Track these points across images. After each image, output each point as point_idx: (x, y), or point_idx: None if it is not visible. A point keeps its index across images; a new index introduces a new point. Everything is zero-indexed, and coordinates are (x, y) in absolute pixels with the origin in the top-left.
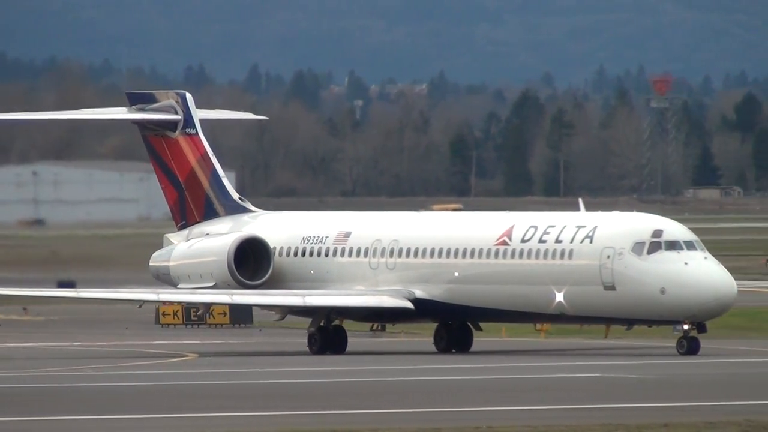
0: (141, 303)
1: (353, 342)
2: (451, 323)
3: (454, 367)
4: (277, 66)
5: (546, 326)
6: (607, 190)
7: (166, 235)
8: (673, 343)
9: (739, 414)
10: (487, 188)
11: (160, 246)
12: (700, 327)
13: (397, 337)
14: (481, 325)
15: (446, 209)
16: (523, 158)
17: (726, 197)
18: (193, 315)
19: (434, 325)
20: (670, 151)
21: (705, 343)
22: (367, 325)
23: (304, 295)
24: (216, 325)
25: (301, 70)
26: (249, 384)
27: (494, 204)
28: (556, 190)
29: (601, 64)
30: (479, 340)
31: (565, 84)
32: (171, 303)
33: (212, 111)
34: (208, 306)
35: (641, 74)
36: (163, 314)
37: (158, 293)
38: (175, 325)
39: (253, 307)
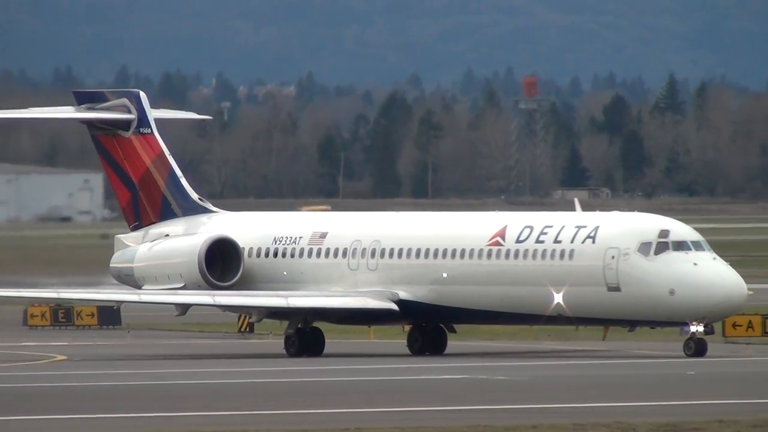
0: (119, 304)
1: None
2: (426, 326)
3: (323, 368)
4: (146, 67)
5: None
6: (475, 192)
7: (118, 236)
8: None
9: (607, 415)
10: (356, 190)
11: (28, 249)
12: (707, 329)
13: (266, 338)
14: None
15: (315, 210)
16: (391, 160)
17: (594, 198)
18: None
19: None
20: (539, 152)
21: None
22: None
23: (287, 296)
24: (84, 326)
25: (168, 72)
26: (116, 385)
27: (362, 206)
28: (424, 192)
29: (470, 66)
30: (352, 342)
31: (434, 85)
32: (154, 304)
33: (157, 110)
34: (187, 308)
35: (509, 76)
36: (31, 315)
37: (140, 294)
38: (43, 326)
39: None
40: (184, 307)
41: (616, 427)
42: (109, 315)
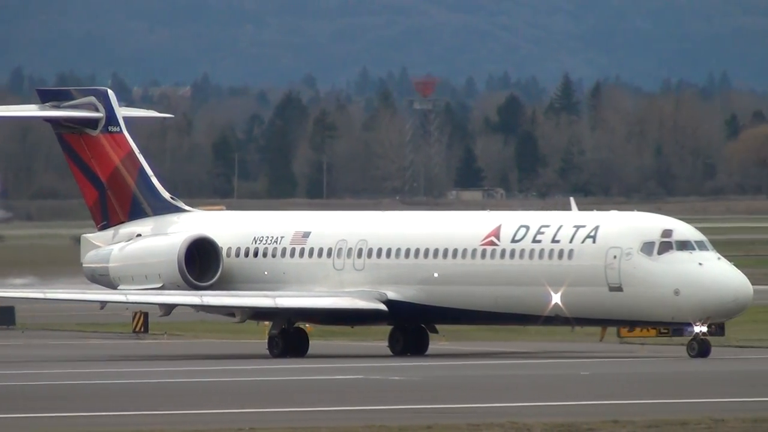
0: (104, 304)
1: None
2: (407, 326)
3: (217, 369)
4: (40, 69)
5: (309, 328)
6: (370, 192)
7: (85, 235)
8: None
9: (502, 415)
10: (251, 190)
11: None
12: (711, 329)
13: (161, 338)
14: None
15: (210, 210)
16: (286, 160)
17: (488, 199)
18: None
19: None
20: (433, 152)
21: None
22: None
23: (274, 297)
24: None
25: (63, 73)
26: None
27: (258, 205)
28: (319, 192)
29: (364, 66)
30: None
31: (328, 86)
32: (139, 304)
33: (131, 109)
34: (171, 308)
35: (404, 76)
36: None
37: (126, 294)
38: None
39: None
40: (168, 308)
41: (510, 427)
42: (2, 315)
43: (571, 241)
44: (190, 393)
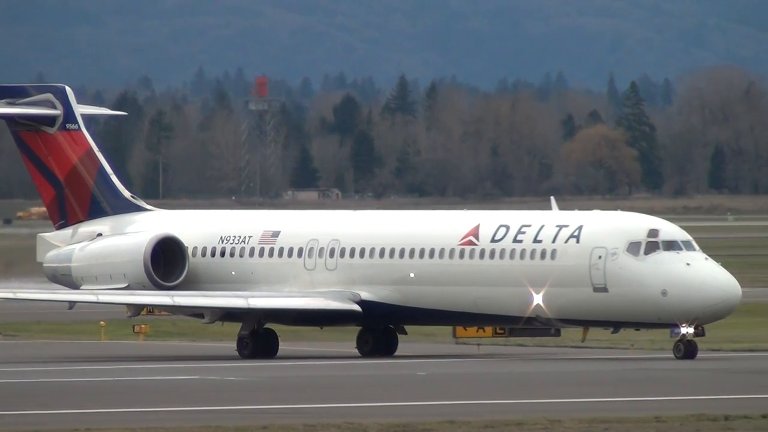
0: (73, 304)
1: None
2: (376, 327)
3: (46, 369)
4: None
5: (145, 328)
6: (206, 192)
7: (41, 234)
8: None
9: (338, 416)
10: None
11: None
12: (698, 330)
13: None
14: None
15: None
16: (122, 160)
17: (324, 199)
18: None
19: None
20: (269, 153)
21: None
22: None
23: (246, 297)
24: None
25: None
26: None
27: None
28: (155, 192)
29: (201, 66)
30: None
31: (165, 86)
32: (111, 304)
33: (87, 107)
34: (140, 308)
35: (240, 76)
36: None
37: (97, 294)
38: None
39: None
40: (137, 308)
41: (346, 428)
42: None
43: (553, 241)
44: (19, 393)
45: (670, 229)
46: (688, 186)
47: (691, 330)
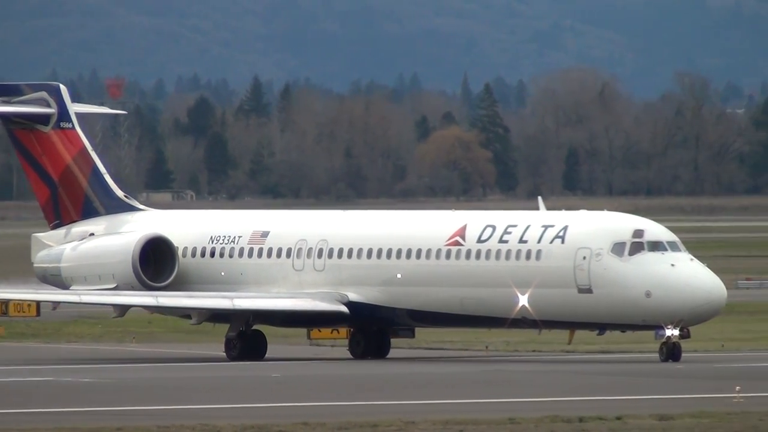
0: (56, 305)
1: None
2: (369, 329)
3: None
4: None
5: (1, 330)
6: None
7: (35, 234)
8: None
9: (193, 418)
10: None
11: None
12: (683, 332)
13: None
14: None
15: None
16: None
17: (178, 200)
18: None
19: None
20: (123, 154)
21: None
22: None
23: (232, 298)
24: None
25: None
26: None
27: None
28: (9, 194)
29: (54, 68)
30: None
31: None
32: (94, 305)
33: (83, 105)
34: (126, 308)
35: (94, 78)
36: None
37: (80, 295)
38: None
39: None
40: (122, 309)
41: (201, 429)
42: None
43: (539, 242)
44: None
45: (655, 230)
46: (542, 187)
47: (676, 332)
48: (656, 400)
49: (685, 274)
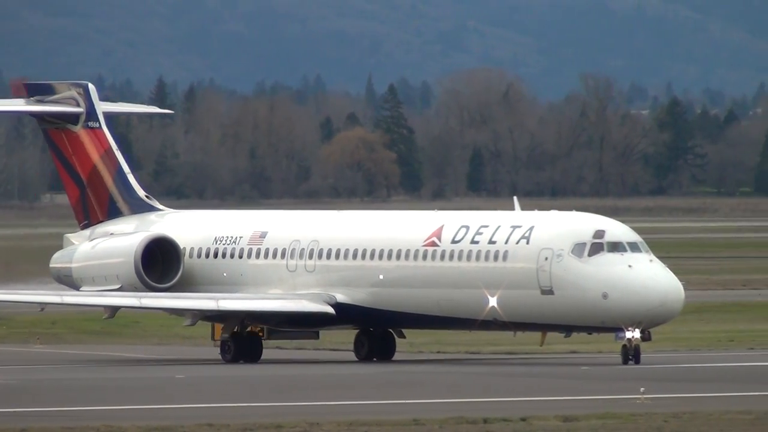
0: (43, 306)
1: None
2: (373, 330)
3: None
4: None
5: None
6: None
7: (67, 235)
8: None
9: (97, 419)
10: None
11: None
12: (644, 334)
13: None
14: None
15: None
16: None
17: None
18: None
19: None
20: (27, 156)
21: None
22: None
23: (217, 299)
24: None
25: None
26: None
27: None
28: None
29: None
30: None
31: None
32: (77, 306)
33: (115, 104)
34: (115, 310)
35: (0, 79)
36: None
37: (62, 296)
38: None
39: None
40: (112, 310)
41: (105, 431)
42: None
43: (506, 242)
44: None
45: (616, 230)
46: (446, 188)
47: (637, 334)
48: (561, 401)
49: (642, 276)
